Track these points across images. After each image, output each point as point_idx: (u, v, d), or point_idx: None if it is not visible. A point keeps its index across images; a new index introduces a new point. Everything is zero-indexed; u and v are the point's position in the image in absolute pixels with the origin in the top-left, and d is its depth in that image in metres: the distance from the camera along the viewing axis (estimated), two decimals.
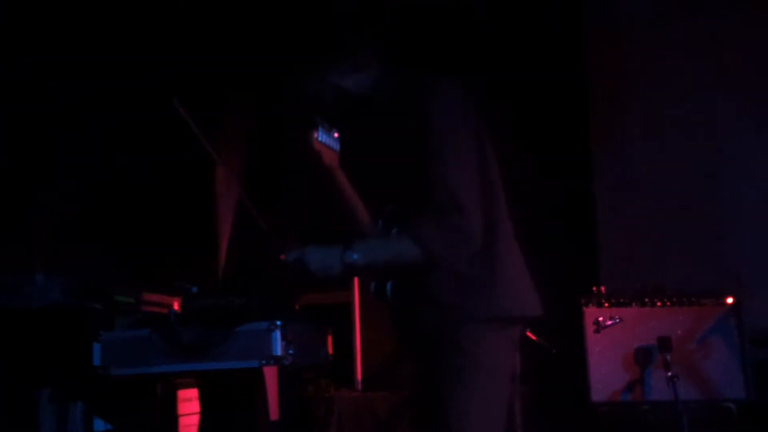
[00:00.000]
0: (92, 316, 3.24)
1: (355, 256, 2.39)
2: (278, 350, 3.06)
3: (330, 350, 3.70)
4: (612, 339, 4.30)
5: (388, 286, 2.53)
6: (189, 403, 3.50)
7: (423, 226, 2.37)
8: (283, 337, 3.09)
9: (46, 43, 4.15)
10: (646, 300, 4.39)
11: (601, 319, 4.33)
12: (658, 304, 4.37)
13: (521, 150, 5.22)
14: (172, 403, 3.44)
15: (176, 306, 3.38)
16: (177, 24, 4.62)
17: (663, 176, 5.35)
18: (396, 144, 2.48)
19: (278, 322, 3.08)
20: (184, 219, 4.39)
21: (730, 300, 4.37)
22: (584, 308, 4.35)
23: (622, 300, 4.39)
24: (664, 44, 5.46)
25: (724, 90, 5.34)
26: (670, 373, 4.05)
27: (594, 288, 4.48)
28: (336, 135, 2.58)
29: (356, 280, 4.42)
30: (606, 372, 4.27)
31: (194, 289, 3.31)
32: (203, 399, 3.48)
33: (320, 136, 2.53)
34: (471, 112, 2.51)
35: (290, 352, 3.12)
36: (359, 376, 4.31)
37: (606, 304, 4.38)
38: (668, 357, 4.11)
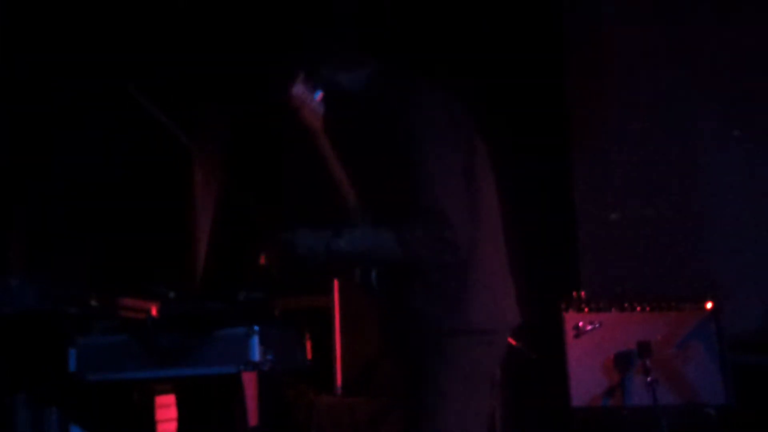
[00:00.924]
0: (68, 321, 3.21)
1: (342, 244, 2.41)
2: (256, 355, 3.04)
3: (309, 355, 3.68)
4: (592, 344, 4.30)
5: (373, 274, 2.52)
6: (166, 409, 3.47)
7: (411, 230, 2.37)
8: (262, 343, 3.07)
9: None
10: (626, 305, 4.39)
11: (580, 324, 4.32)
12: (638, 309, 4.38)
13: (500, 154, 5.22)
14: (149, 409, 3.41)
15: (154, 311, 3.35)
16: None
17: (642, 182, 5.37)
18: (382, 147, 2.47)
19: (256, 327, 3.06)
20: (163, 222, 4.37)
21: (709, 305, 4.38)
22: (564, 313, 4.35)
23: (601, 305, 4.39)
24: (643, 49, 5.48)
25: (702, 95, 5.36)
26: (649, 378, 4.06)
27: (574, 293, 4.48)
28: (319, 97, 2.54)
29: (336, 285, 4.40)
30: (586, 377, 4.26)
31: (172, 294, 3.29)
32: (181, 405, 3.45)
33: (299, 88, 2.50)
34: (459, 119, 2.51)
35: (269, 357, 3.10)
36: (339, 381, 4.30)
37: (586, 309, 4.38)
38: (648, 362, 4.11)
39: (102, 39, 4.30)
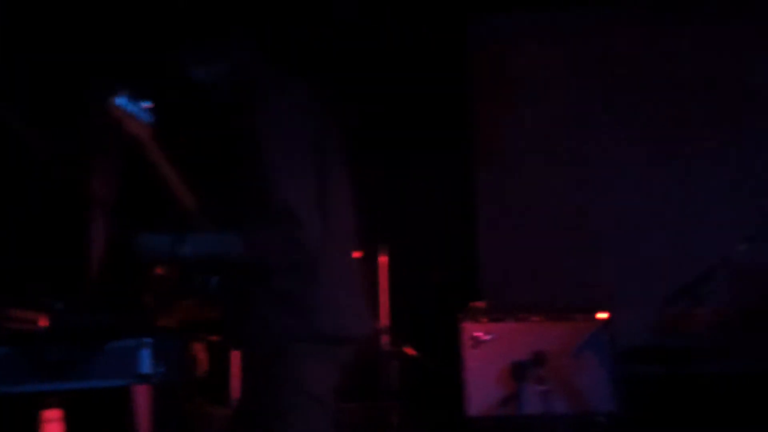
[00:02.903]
0: None
1: (186, 249, 2.40)
2: (147, 368, 2.98)
3: (205, 367, 3.63)
4: (489, 354, 4.36)
5: (213, 281, 2.50)
6: (53, 425, 3.36)
7: (258, 230, 2.36)
8: (153, 355, 3.01)
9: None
10: (522, 315, 4.47)
11: (478, 334, 4.38)
12: (534, 319, 4.46)
13: (405, 168, 5.29)
14: (34, 423, 3.30)
15: (42, 322, 3.25)
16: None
17: (543, 197, 5.50)
18: (229, 146, 2.47)
19: (147, 339, 2.99)
20: (52, 231, 4.25)
21: (602, 316, 4.48)
22: (462, 324, 4.40)
23: (498, 315, 4.46)
24: (547, 66, 5.61)
25: (601, 111, 5.53)
26: (544, 388, 4.14)
27: (472, 303, 4.53)
28: (146, 107, 2.54)
29: None
30: (483, 386, 4.31)
31: (60, 305, 3.19)
32: (69, 420, 3.35)
33: (120, 102, 2.51)
34: (314, 119, 2.48)
35: (160, 370, 3.04)
36: (233, 393, 4.24)
37: (483, 320, 4.44)
38: (543, 371, 4.20)
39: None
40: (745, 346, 4.58)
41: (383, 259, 4.64)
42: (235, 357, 4.10)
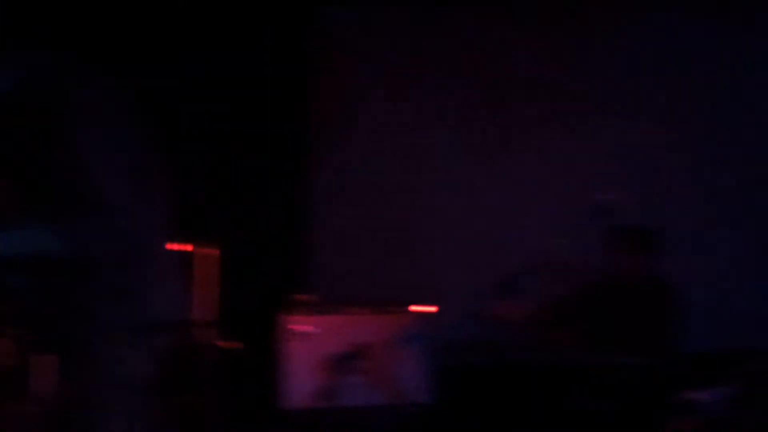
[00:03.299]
0: None
1: None
2: None
3: (10, 362, 3.46)
4: (308, 346, 4.37)
5: (24, 278, 2.44)
6: None
7: (78, 226, 2.35)
8: None
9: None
10: (343, 308, 4.50)
11: (296, 326, 4.38)
12: (354, 312, 4.50)
13: (233, 164, 5.24)
14: None
15: None
16: None
17: (373, 193, 5.58)
18: (42, 144, 2.42)
19: None
20: None
21: (423, 309, 4.57)
22: (281, 316, 4.39)
23: (319, 308, 4.47)
24: (383, 61, 5.68)
25: (430, 109, 5.64)
26: (362, 380, 4.19)
27: (293, 295, 4.54)
28: None
29: None
30: (300, 379, 4.32)
31: None
32: None
33: None
34: (128, 114, 2.50)
35: None
36: (35, 389, 4.09)
37: (304, 313, 4.44)
38: (363, 364, 4.25)
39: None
40: (558, 339, 4.76)
41: (214, 253, 4.58)
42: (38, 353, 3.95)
